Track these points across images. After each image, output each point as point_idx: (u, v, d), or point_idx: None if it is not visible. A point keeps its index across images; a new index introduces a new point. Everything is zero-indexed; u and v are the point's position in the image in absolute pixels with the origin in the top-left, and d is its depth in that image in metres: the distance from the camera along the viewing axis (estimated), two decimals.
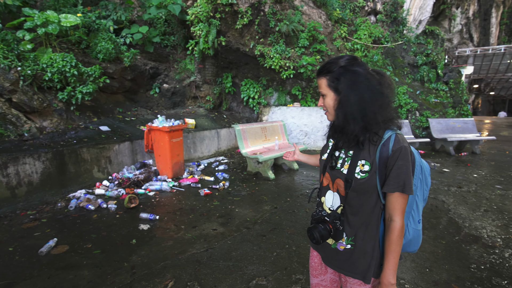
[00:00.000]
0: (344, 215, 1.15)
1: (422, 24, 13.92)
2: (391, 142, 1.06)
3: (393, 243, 1.07)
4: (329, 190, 1.21)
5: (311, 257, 1.37)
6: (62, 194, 4.10)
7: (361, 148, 1.10)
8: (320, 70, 1.15)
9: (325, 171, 1.23)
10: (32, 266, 2.56)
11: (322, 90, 1.15)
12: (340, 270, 1.22)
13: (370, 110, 1.06)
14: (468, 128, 8.12)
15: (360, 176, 1.09)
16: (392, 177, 1.04)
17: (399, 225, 1.06)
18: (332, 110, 1.16)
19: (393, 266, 1.08)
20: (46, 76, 4.54)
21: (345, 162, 1.16)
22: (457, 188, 4.81)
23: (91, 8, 6.42)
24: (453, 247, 2.92)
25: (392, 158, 1.04)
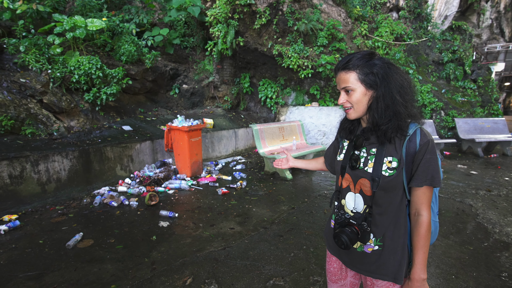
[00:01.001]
0: (371, 215, 1.11)
1: (448, 19, 13.31)
2: (417, 136, 1.05)
3: (422, 237, 1.07)
4: (349, 192, 1.16)
5: (329, 262, 1.34)
6: (87, 190, 4.29)
7: (386, 145, 1.08)
8: (346, 64, 1.07)
9: (344, 172, 1.18)
10: (60, 258, 2.70)
11: (350, 85, 1.07)
12: (367, 273, 1.18)
13: (402, 105, 1.05)
14: (498, 128, 7.67)
15: (388, 174, 1.06)
16: (421, 171, 1.04)
17: (428, 219, 1.06)
18: (359, 106, 1.09)
19: (424, 261, 1.08)
20: (74, 78, 4.77)
21: (368, 160, 1.11)
22: (486, 191, 4.56)
23: (115, 12, 6.67)
24: (481, 254, 2.77)
25: (420, 152, 1.04)
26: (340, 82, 1.10)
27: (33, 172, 3.74)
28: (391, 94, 1.05)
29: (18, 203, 3.60)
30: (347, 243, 1.08)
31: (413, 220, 1.11)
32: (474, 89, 9.49)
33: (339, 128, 1.27)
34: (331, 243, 1.30)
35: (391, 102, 1.05)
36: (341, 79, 1.09)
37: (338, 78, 1.11)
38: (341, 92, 1.12)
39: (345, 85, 1.08)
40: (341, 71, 1.09)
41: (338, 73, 1.10)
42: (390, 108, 1.05)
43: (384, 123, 1.06)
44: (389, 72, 1.05)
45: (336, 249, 1.28)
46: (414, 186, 1.06)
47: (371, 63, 1.06)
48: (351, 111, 1.12)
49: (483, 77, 9.77)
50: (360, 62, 1.06)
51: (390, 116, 1.05)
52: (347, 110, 1.12)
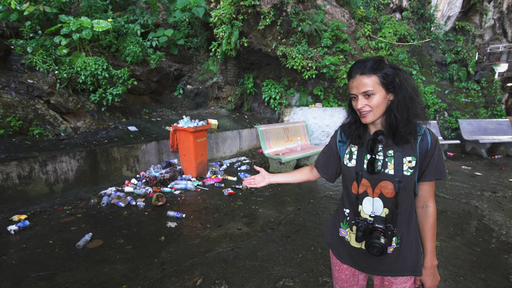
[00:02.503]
0: (397, 216, 1.14)
1: (451, 20, 13.29)
2: (428, 135, 1.13)
3: (432, 227, 1.17)
4: (366, 197, 1.15)
5: (340, 270, 1.32)
6: (94, 191, 4.32)
7: (403, 145, 1.11)
8: (366, 68, 1.07)
9: (360, 178, 1.15)
10: (70, 258, 2.72)
11: (372, 88, 1.06)
12: (387, 273, 1.19)
13: (416, 107, 1.11)
14: (502, 130, 7.67)
15: (409, 173, 1.10)
16: (432, 166, 1.13)
17: (434, 209, 1.18)
18: (379, 110, 1.09)
19: (434, 249, 1.18)
20: (80, 79, 4.80)
21: (387, 163, 1.12)
22: (491, 193, 4.56)
23: (120, 13, 6.70)
24: (489, 255, 2.78)
25: (431, 150, 1.12)
26: (359, 86, 1.08)
27: (41, 173, 3.77)
28: (410, 97, 1.09)
29: (26, 203, 3.64)
30: (384, 247, 1.07)
31: (421, 213, 1.19)
32: (477, 90, 9.48)
33: (346, 134, 1.23)
34: (341, 252, 1.28)
35: (410, 104, 1.09)
36: (361, 83, 1.08)
37: (356, 82, 1.09)
38: (359, 97, 1.10)
39: (366, 89, 1.07)
40: (361, 75, 1.07)
41: (356, 77, 1.08)
42: (410, 110, 1.09)
43: (403, 126, 1.08)
44: (405, 76, 1.09)
45: (349, 257, 1.25)
46: (427, 181, 1.15)
47: (388, 67, 1.08)
48: (369, 115, 1.10)
49: (486, 78, 9.76)
50: (379, 66, 1.07)
51: (409, 118, 1.09)
52: (365, 114, 1.10)
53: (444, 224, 3.47)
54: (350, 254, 1.25)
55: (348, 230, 1.24)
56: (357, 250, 1.21)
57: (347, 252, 1.26)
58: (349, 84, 1.13)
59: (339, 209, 1.32)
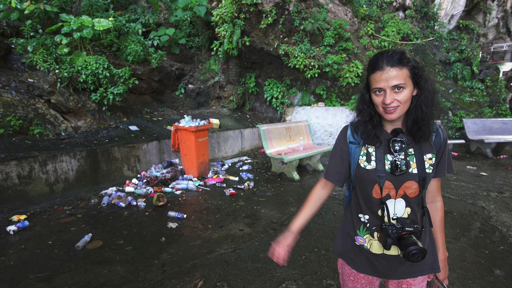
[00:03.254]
0: (424, 215, 1.12)
1: (454, 18, 13.17)
2: (440, 132, 1.13)
3: (442, 221, 1.21)
4: (388, 199, 1.09)
5: (356, 280, 1.24)
6: (95, 191, 4.28)
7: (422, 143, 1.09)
8: (399, 60, 0.98)
9: (383, 181, 1.07)
10: (69, 259, 2.68)
11: (404, 82, 0.98)
12: (408, 276, 1.16)
13: (439, 103, 1.10)
14: (507, 129, 7.56)
15: (430, 170, 1.09)
16: (445, 161, 1.14)
17: (442, 203, 1.22)
18: (406, 105, 1.02)
19: (444, 241, 1.23)
20: (81, 78, 4.77)
21: (409, 162, 1.07)
22: (498, 193, 4.48)
23: (121, 12, 6.66)
24: (497, 258, 2.71)
25: (443, 146, 1.13)
26: (389, 79, 0.98)
27: (41, 172, 3.73)
28: (433, 94, 1.05)
29: (26, 203, 3.60)
30: (424, 252, 0.98)
31: (431, 208, 1.21)
32: (482, 89, 9.37)
33: (361, 134, 1.12)
34: (358, 261, 1.20)
35: (432, 103, 1.05)
36: (391, 76, 0.97)
37: (386, 75, 0.98)
38: (387, 91, 0.99)
39: (398, 82, 0.98)
40: (394, 67, 0.98)
41: (386, 69, 0.98)
42: (435, 106, 1.06)
43: (427, 122, 1.04)
44: (427, 72, 1.04)
45: (368, 265, 1.18)
46: (440, 177, 1.16)
47: (413, 61, 1.01)
48: (397, 111, 1.01)
49: (491, 77, 9.65)
50: (407, 59, 0.99)
51: (433, 113, 1.06)
52: (393, 110, 1.00)
53: (450, 225, 3.39)
54: (369, 262, 1.17)
55: (367, 237, 1.16)
56: (378, 257, 1.14)
57: (366, 260, 1.18)
58: (374, 76, 1.01)
59: (351, 216, 1.22)
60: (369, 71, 1.05)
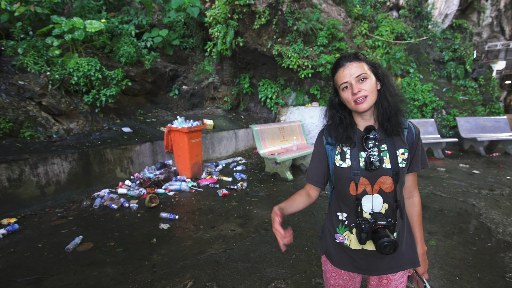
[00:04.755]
0: (397, 210, 1.13)
1: (448, 18, 13.26)
2: (412, 127, 1.16)
3: (419, 215, 1.23)
4: (365, 196, 1.11)
5: (337, 277, 1.26)
6: (87, 193, 4.26)
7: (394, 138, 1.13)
8: (354, 56, 1.09)
9: (358, 178, 1.10)
10: (59, 262, 2.67)
11: (365, 72, 1.07)
12: (388, 271, 1.17)
13: (401, 96, 1.15)
14: (500, 127, 7.63)
15: (404, 165, 1.11)
16: (418, 156, 1.17)
17: (419, 198, 1.24)
18: (373, 96, 1.08)
19: (422, 235, 1.24)
20: (73, 80, 4.75)
21: (383, 157, 1.10)
22: (489, 191, 4.52)
23: (114, 14, 6.65)
24: (485, 254, 2.73)
25: (416, 141, 1.16)
26: (352, 72, 1.06)
27: (32, 175, 3.71)
28: (394, 87, 1.14)
29: (17, 206, 3.58)
30: (396, 244, 1.00)
31: (408, 203, 1.23)
32: (475, 88, 9.44)
33: (334, 136, 1.16)
34: (339, 258, 1.22)
35: (395, 94, 1.13)
36: (353, 68, 1.07)
37: (348, 69, 1.07)
38: (352, 82, 1.06)
39: (360, 72, 1.06)
40: (352, 62, 1.08)
41: (347, 64, 1.08)
42: (396, 99, 1.12)
43: (394, 113, 1.11)
44: (384, 69, 1.14)
45: (348, 262, 1.20)
46: (415, 171, 1.19)
47: (370, 59, 1.14)
48: (366, 101, 1.06)
49: (484, 76, 9.72)
50: (363, 55, 1.12)
51: (397, 107, 1.12)
52: (362, 100, 1.06)
53: (441, 223, 3.42)
54: (350, 258, 1.19)
55: (346, 234, 1.18)
56: (358, 252, 1.17)
57: (347, 257, 1.20)
58: (338, 74, 1.10)
59: (331, 215, 1.25)
60: (333, 72, 1.14)
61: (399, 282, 1.20)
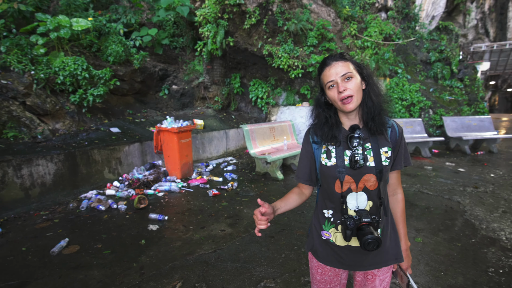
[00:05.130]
0: (381, 207, 1.15)
1: (435, 19, 13.55)
2: (395, 126, 1.19)
3: (403, 212, 1.26)
4: (350, 193, 1.13)
5: (322, 273, 1.28)
6: (74, 194, 4.18)
7: (378, 137, 1.15)
8: (340, 55, 1.11)
9: (343, 176, 1.12)
10: (44, 265, 2.61)
11: (351, 71, 1.09)
12: (373, 267, 1.20)
13: (384, 96, 1.18)
14: (484, 126, 7.85)
15: (387, 163, 1.13)
16: (401, 155, 1.20)
17: (403, 195, 1.27)
18: (358, 95, 1.10)
19: (406, 231, 1.27)
20: (59, 79, 4.65)
21: (367, 156, 1.12)
22: (473, 188, 4.64)
23: (101, 12, 6.54)
24: (469, 250, 2.81)
25: (399, 139, 1.18)
26: (338, 71, 1.08)
27: (15, 177, 3.61)
28: (378, 87, 1.17)
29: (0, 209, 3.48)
30: (379, 240, 1.03)
31: (392, 200, 1.26)
32: (461, 88, 9.67)
33: (320, 135, 1.18)
34: (325, 254, 1.24)
35: (379, 93, 1.16)
36: (339, 67, 1.09)
37: (334, 68, 1.09)
38: (338, 81, 1.08)
39: (346, 71, 1.08)
40: (338, 61, 1.10)
41: (333, 63, 1.09)
42: (380, 99, 1.15)
43: (378, 112, 1.13)
44: (369, 70, 1.17)
45: (334, 258, 1.22)
46: (398, 169, 1.21)
47: (355, 59, 1.15)
48: (353, 100, 1.08)
49: (469, 76, 9.98)
50: (348, 56, 1.14)
51: (381, 107, 1.14)
52: (348, 100, 1.07)
53: (428, 220, 3.49)
54: (335, 255, 1.21)
55: (332, 230, 1.20)
56: (344, 249, 1.19)
57: (332, 253, 1.22)
58: (324, 73, 1.12)
59: (317, 212, 1.27)
60: (320, 71, 1.15)
61: (384, 278, 1.22)
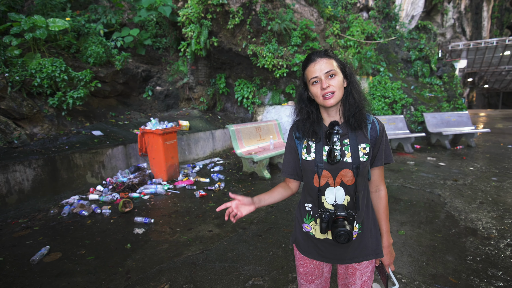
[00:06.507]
0: (357, 202, 1.17)
1: (414, 19, 13.98)
2: (376, 123, 1.20)
3: (386, 208, 1.26)
4: (328, 188, 1.16)
5: (304, 265, 1.31)
6: (55, 200, 4.04)
7: (357, 133, 1.16)
8: (325, 52, 1.13)
9: (321, 170, 1.15)
10: (23, 275, 2.51)
11: (335, 69, 1.11)
12: (353, 260, 1.22)
13: (364, 94, 1.21)
14: (462, 122, 8.16)
15: (365, 159, 1.15)
16: (382, 151, 1.20)
17: (386, 192, 1.27)
18: (340, 92, 1.12)
19: (389, 228, 1.27)
20: (35, 81, 4.48)
21: (344, 151, 1.15)
22: (453, 181, 4.82)
23: (80, 12, 6.35)
24: (449, 240, 2.91)
25: (380, 136, 1.19)
26: (322, 67, 1.10)
27: None
28: (359, 85, 1.20)
29: None
30: (350, 234, 1.07)
31: (375, 196, 1.26)
32: (440, 85, 10.02)
33: (301, 131, 1.22)
34: (306, 247, 1.27)
35: (360, 91, 1.19)
36: (323, 64, 1.10)
37: (318, 64, 1.10)
38: (322, 78, 1.10)
39: (330, 68, 1.10)
40: (323, 58, 1.11)
41: (318, 59, 1.11)
42: (361, 96, 1.18)
43: (359, 109, 1.15)
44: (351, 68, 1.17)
45: (314, 251, 1.25)
46: (378, 166, 1.22)
47: (338, 57, 1.17)
48: (334, 96, 1.11)
49: (447, 74, 10.34)
50: (333, 53, 1.16)
51: (361, 104, 1.17)
52: (330, 96, 1.10)
53: (410, 213, 3.59)
54: (316, 247, 1.24)
55: (312, 223, 1.23)
56: (323, 242, 1.22)
57: (313, 246, 1.25)
58: (309, 69, 1.13)
59: (300, 205, 1.31)
60: (304, 66, 1.17)
61: (364, 272, 1.25)
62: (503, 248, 2.74)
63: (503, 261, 2.53)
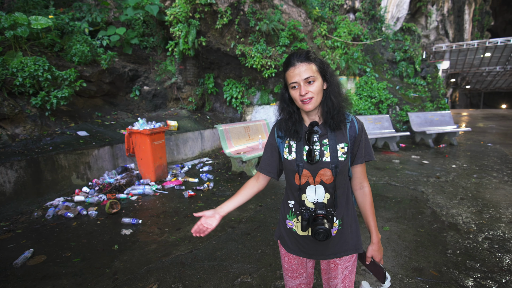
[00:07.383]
0: (336, 199, 1.19)
1: (399, 21, 14.32)
2: (355, 122, 1.23)
3: (371, 205, 1.27)
4: (308, 186, 1.20)
5: (288, 261, 1.34)
6: (38, 203, 3.94)
7: (336, 133, 1.18)
8: (306, 56, 1.12)
9: (301, 169, 1.19)
10: (5, 279, 2.45)
11: (313, 74, 1.11)
12: (333, 256, 1.25)
13: (344, 94, 1.23)
14: (445, 121, 8.42)
15: (343, 158, 1.18)
16: (362, 149, 1.23)
17: (370, 188, 1.29)
18: (319, 97, 1.14)
19: (376, 224, 1.28)
20: (17, 81, 4.36)
21: (323, 151, 1.17)
22: (436, 178, 4.98)
23: (63, 10, 6.21)
24: (431, 235, 3.02)
25: (359, 135, 1.22)
26: (301, 73, 1.10)
27: None
28: (338, 86, 1.21)
29: None
30: (329, 232, 1.10)
31: (360, 194, 1.28)
32: (424, 86, 10.31)
33: (284, 130, 1.24)
34: (289, 243, 1.31)
35: (339, 93, 1.20)
36: (303, 69, 1.10)
37: (298, 70, 1.10)
38: (301, 84, 1.11)
39: (309, 74, 1.10)
40: (303, 62, 1.11)
41: (297, 64, 1.10)
42: (341, 98, 1.20)
43: (337, 111, 1.17)
44: (331, 69, 1.19)
45: (297, 247, 1.29)
46: (359, 164, 1.24)
47: (319, 59, 1.16)
48: (312, 101, 1.13)
49: (431, 74, 10.65)
50: (313, 56, 1.14)
51: (340, 105, 1.18)
52: (308, 101, 1.12)
53: (395, 210, 3.70)
54: (298, 244, 1.28)
55: (294, 220, 1.27)
56: (304, 238, 1.25)
57: (295, 242, 1.29)
58: (288, 73, 1.13)
59: (284, 202, 1.34)
60: (284, 69, 1.17)
61: (345, 266, 1.29)
62: (481, 242, 2.86)
63: (480, 254, 2.65)
